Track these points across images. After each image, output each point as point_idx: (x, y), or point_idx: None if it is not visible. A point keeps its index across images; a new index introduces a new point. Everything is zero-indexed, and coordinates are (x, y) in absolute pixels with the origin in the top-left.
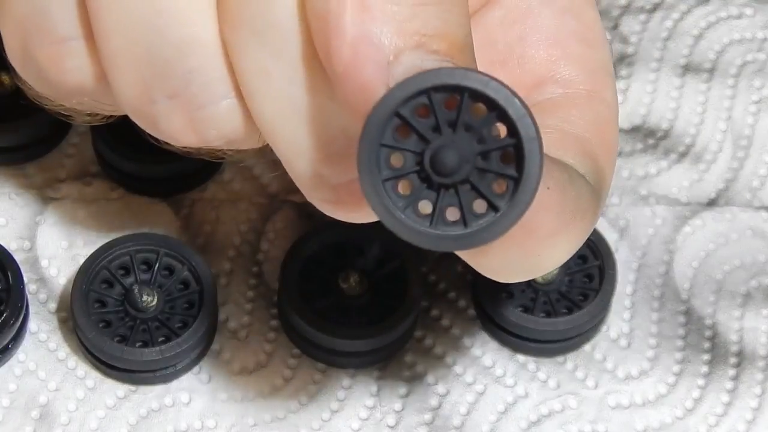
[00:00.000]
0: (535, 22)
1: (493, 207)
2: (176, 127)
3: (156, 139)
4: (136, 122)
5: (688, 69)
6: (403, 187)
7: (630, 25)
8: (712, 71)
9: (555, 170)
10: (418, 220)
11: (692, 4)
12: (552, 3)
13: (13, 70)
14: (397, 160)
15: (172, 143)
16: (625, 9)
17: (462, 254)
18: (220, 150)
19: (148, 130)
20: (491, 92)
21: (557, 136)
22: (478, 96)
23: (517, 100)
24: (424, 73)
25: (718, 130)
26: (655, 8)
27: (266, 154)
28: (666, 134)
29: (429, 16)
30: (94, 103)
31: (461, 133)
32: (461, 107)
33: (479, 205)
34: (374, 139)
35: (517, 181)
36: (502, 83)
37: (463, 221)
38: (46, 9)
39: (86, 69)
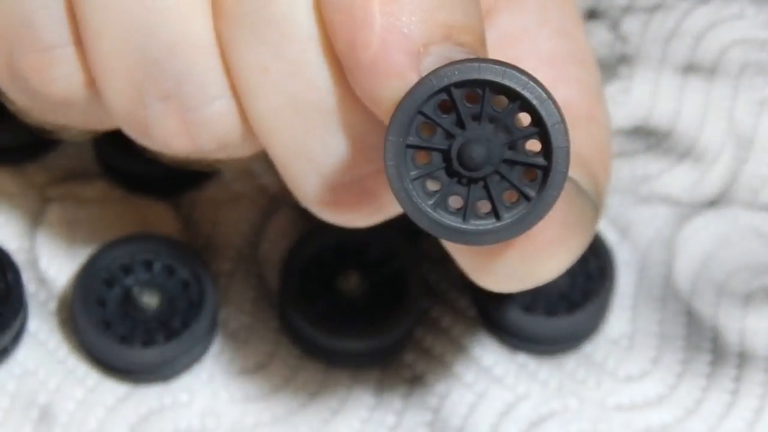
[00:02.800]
0: (532, 45)
1: (524, 196)
2: (169, 132)
3: (147, 150)
4: (127, 131)
5: (689, 69)
6: (431, 185)
7: (631, 25)
8: (713, 71)
9: None
10: (450, 217)
11: (693, 4)
12: (546, 24)
13: None
14: (423, 157)
15: (164, 150)
16: (626, 9)
17: (463, 260)
18: (212, 158)
19: (139, 139)
20: (508, 82)
21: None
22: (497, 87)
23: (537, 86)
24: (440, 69)
25: (720, 131)
26: (655, 8)
27: (257, 164)
28: (667, 134)
29: (453, 7)
30: (81, 115)
31: (486, 126)
32: (483, 100)
33: (510, 196)
34: (401, 140)
35: (546, 169)
36: (519, 70)
37: (495, 213)
38: (30, 17)
39: (74, 77)
